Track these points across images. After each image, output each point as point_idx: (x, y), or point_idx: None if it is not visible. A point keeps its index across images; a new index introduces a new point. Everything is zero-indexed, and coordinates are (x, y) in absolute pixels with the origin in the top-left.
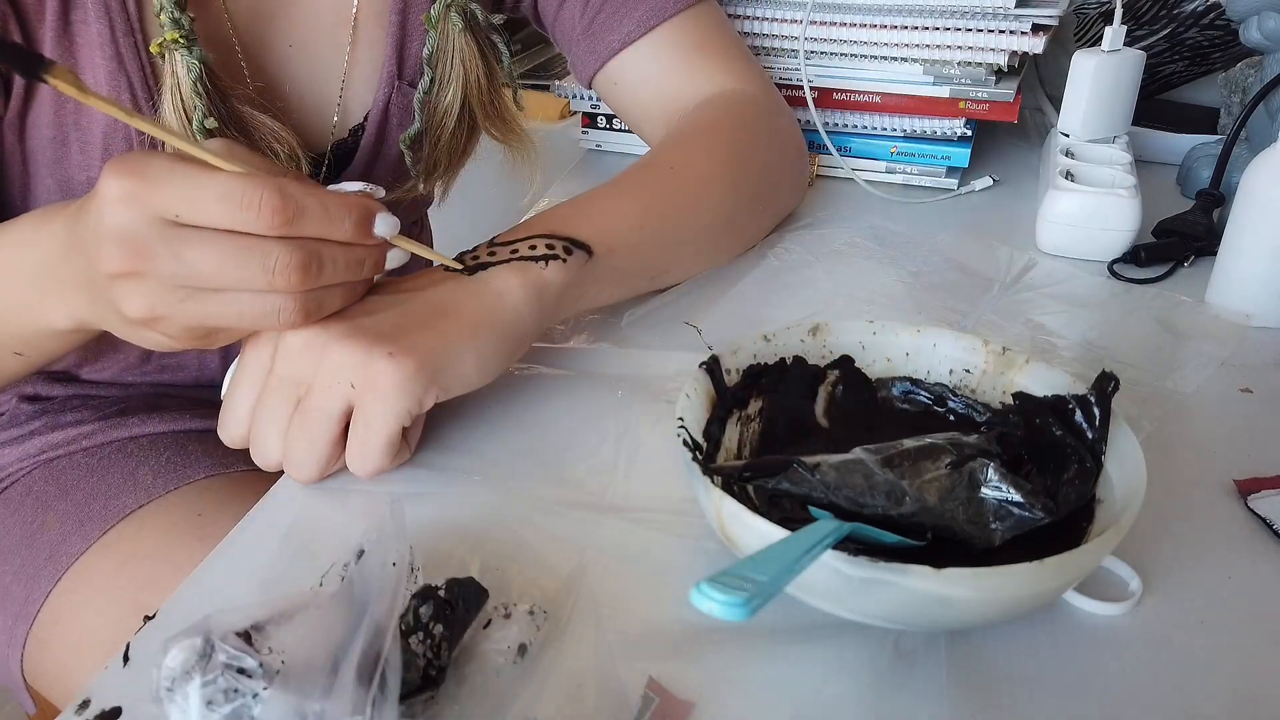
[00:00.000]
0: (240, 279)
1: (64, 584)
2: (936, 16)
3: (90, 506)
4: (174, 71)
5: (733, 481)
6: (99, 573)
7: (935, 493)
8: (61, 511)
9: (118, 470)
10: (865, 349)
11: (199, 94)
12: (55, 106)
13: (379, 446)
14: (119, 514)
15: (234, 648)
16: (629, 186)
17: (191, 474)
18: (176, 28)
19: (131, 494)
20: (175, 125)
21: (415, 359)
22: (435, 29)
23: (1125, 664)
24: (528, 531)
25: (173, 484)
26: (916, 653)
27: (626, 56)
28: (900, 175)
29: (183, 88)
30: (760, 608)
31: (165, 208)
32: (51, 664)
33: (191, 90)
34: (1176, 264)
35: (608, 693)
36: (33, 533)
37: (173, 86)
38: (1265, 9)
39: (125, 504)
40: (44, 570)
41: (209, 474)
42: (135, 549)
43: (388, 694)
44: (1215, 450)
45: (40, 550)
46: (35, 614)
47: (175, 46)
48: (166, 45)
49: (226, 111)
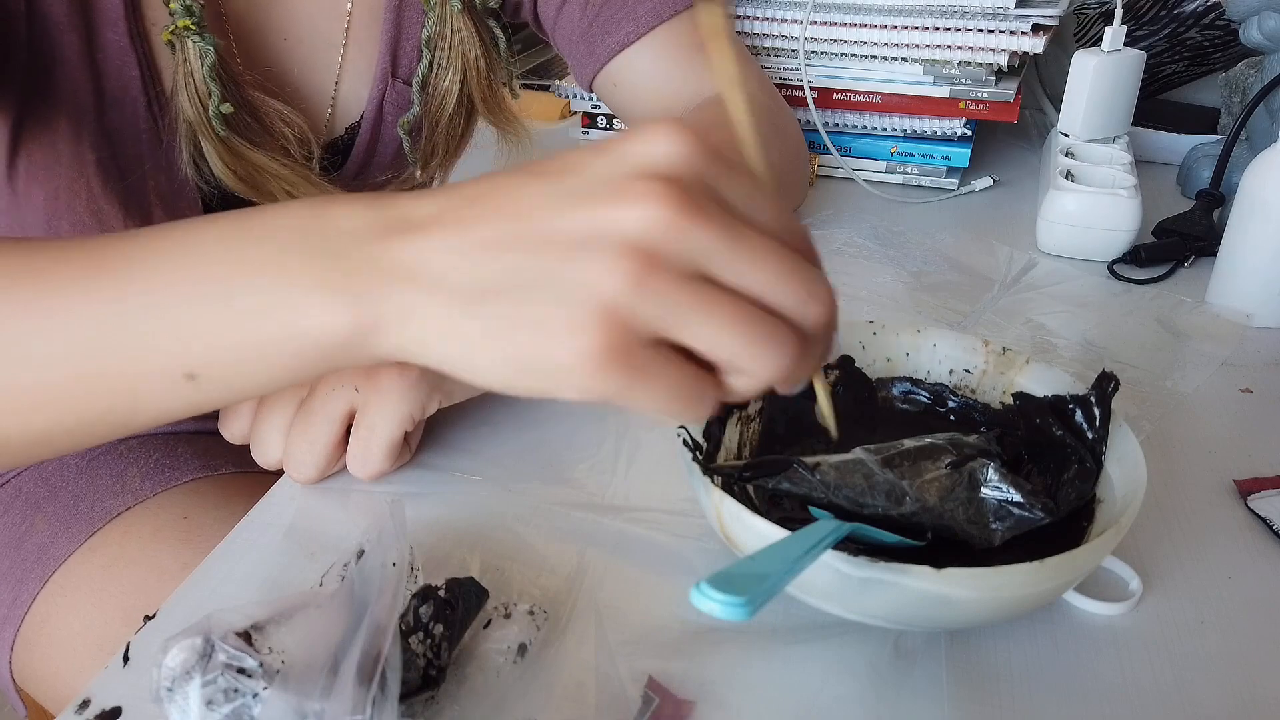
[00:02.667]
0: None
1: (51, 586)
2: (936, 16)
3: (78, 508)
4: (186, 59)
5: (733, 481)
6: (86, 575)
7: (935, 493)
8: (50, 514)
9: (106, 472)
10: (865, 349)
11: (214, 79)
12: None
13: (380, 449)
14: (106, 516)
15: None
16: None
17: (178, 476)
18: (188, 14)
19: (119, 496)
20: (190, 112)
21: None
22: (434, 11)
23: (1125, 664)
24: (528, 531)
25: (159, 486)
26: (916, 653)
27: (626, 58)
28: (900, 175)
29: (195, 75)
30: (760, 608)
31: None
32: (39, 665)
33: (206, 76)
34: (1177, 264)
35: (608, 692)
36: (21, 535)
37: (185, 74)
38: (1265, 9)
39: (112, 506)
40: (32, 572)
41: (195, 476)
42: (122, 552)
43: (388, 694)
44: (1215, 450)
45: (28, 552)
46: (23, 616)
47: (187, 33)
48: (178, 32)
49: (239, 97)
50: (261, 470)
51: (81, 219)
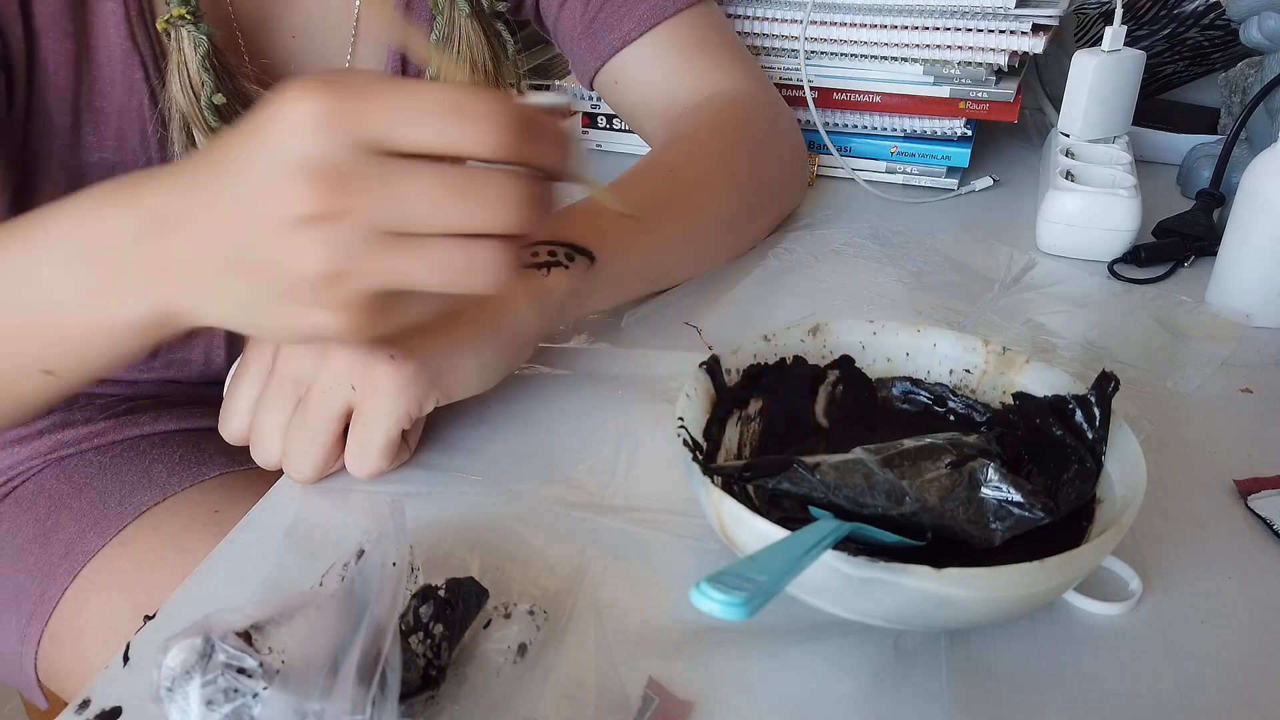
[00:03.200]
0: (460, 216)
1: (80, 581)
2: (936, 16)
3: (106, 503)
4: (180, 48)
5: (733, 481)
6: (115, 570)
7: (935, 493)
8: (76, 509)
9: (132, 468)
10: (865, 349)
11: (207, 69)
12: (71, 87)
13: (378, 448)
14: (136, 510)
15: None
16: (630, 190)
17: (206, 471)
18: (183, 3)
19: (147, 491)
20: (183, 102)
21: (416, 363)
22: (442, 15)
23: (1125, 664)
24: (528, 531)
25: (188, 481)
26: (916, 653)
27: (627, 56)
28: (900, 175)
29: (189, 64)
30: (760, 608)
31: (375, 130)
32: (68, 660)
33: (199, 65)
34: (1177, 264)
35: (608, 693)
36: (46, 530)
37: (179, 63)
38: (1265, 9)
39: (141, 501)
40: (60, 567)
41: (223, 471)
42: (152, 545)
43: (388, 694)
44: (1215, 450)
45: (55, 547)
46: (51, 611)
47: (181, 22)
48: (173, 21)
49: (234, 88)
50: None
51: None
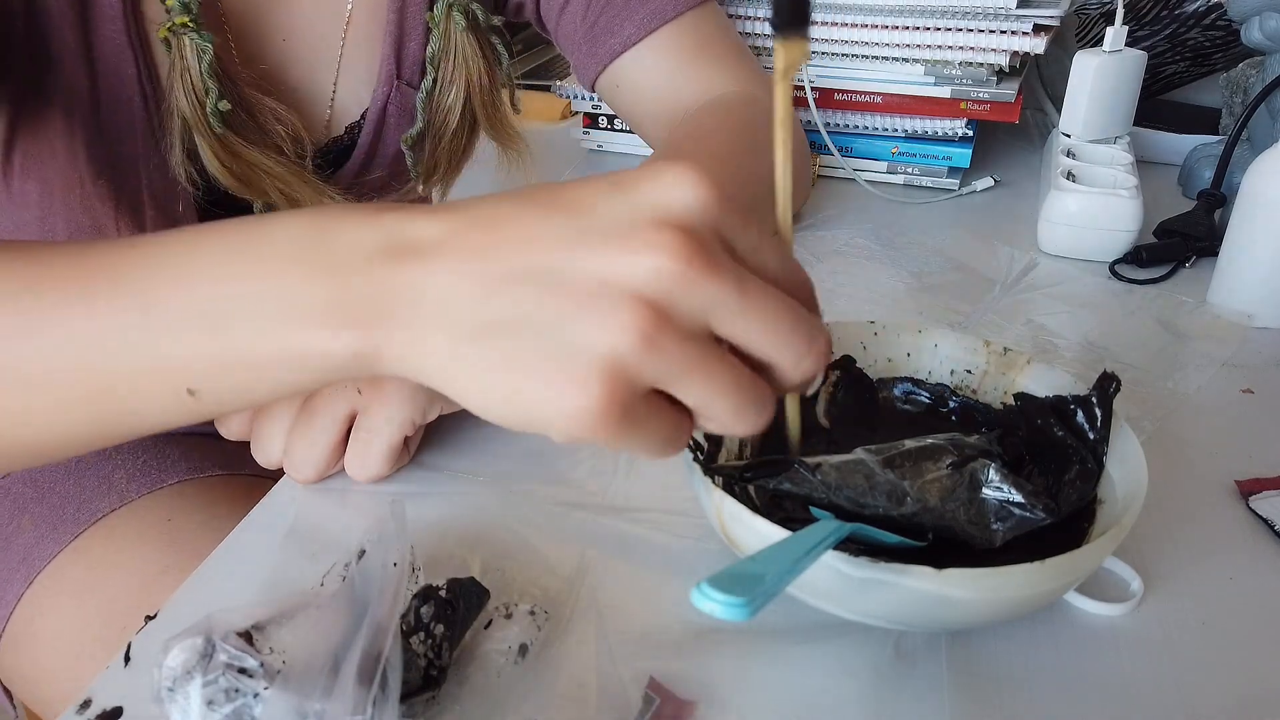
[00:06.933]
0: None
1: (36, 587)
2: (937, 17)
3: (64, 510)
4: (183, 56)
5: (734, 482)
6: (71, 577)
7: (936, 493)
8: (37, 514)
9: (94, 473)
10: (866, 349)
11: (212, 76)
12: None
13: (380, 453)
14: (92, 518)
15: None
16: None
17: (165, 478)
18: (185, 11)
19: (105, 498)
20: (187, 110)
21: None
22: (438, 28)
23: (1126, 664)
24: (528, 531)
25: (146, 488)
26: (916, 653)
27: (628, 59)
28: (901, 175)
29: (192, 72)
30: (761, 608)
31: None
32: (25, 665)
33: (204, 73)
34: (1178, 264)
35: (608, 693)
36: (8, 535)
37: (181, 70)
38: (1267, 9)
39: (98, 507)
40: (17, 572)
41: (182, 478)
42: (106, 553)
43: (389, 694)
44: (1216, 451)
45: (14, 553)
46: (8, 616)
47: (184, 30)
48: (175, 29)
49: (236, 95)
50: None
51: (75, 216)
